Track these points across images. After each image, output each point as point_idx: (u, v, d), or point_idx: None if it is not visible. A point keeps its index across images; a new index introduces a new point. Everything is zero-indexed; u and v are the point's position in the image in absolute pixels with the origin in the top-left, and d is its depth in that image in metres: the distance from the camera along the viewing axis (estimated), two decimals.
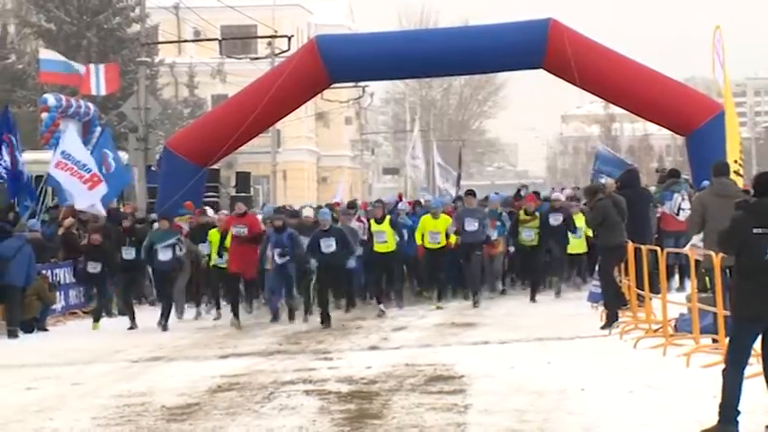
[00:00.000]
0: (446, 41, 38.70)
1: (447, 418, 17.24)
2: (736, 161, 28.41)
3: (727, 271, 19.80)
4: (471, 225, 36.05)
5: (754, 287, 14.42)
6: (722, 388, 14.37)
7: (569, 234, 39.54)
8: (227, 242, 36.84)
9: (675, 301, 24.62)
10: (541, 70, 36.32)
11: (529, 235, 38.28)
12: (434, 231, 36.99)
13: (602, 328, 26.42)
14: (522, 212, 38.76)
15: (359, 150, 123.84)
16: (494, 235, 38.90)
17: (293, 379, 21.84)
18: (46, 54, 47.16)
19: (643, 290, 25.43)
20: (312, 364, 23.13)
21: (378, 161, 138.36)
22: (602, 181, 33.39)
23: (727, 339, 16.68)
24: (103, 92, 45.44)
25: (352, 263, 34.06)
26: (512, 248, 41.74)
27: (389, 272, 37.23)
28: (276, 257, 33.81)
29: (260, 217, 40.14)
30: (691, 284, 23.30)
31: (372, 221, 36.67)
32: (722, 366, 14.82)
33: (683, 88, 36.58)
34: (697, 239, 22.78)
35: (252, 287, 38.13)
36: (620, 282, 27.16)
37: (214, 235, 38.41)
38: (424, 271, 40.98)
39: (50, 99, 36.08)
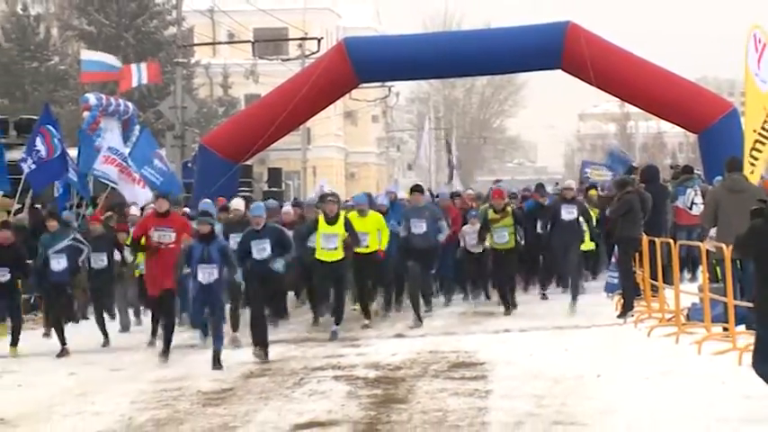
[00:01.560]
0: (468, 43, 38.63)
1: (469, 403, 17.29)
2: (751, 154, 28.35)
3: (738, 262, 19.80)
4: (418, 227, 28.38)
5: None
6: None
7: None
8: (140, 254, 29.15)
9: (688, 291, 24.56)
10: (560, 71, 36.21)
11: (502, 236, 29.85)
12: (362, 232, 27.92)
13: (618, 317, 26.38)
14: (490, 211, 30.20)
15: (385, 147, 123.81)
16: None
17: (323, 365, 21.97)
18: (87, 55, 47.24)
19: (657, 281, 25.42)
20: (341, 351, 23.26)
21: (403, 158, 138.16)
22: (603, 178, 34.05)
23: (744, 328, 16.82)
24: (145, 81, 45.55)
25: (279, 266, 24.41)
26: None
27: (337, 283, 27.47)
28: (200, 275, 23.47)
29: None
30: (702, 275, 23.25)
31: (321, 220, 26.76)
32: (750, 362, 14.87)
33: (695, 87, 36.44)
34: (712, 232, 22.95)
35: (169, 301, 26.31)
36: (635, 273, 27.12)
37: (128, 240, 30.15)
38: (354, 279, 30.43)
39: (91, 98, 36.14)
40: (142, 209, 33.39)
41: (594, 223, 33.43)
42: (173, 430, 16.38)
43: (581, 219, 31.36)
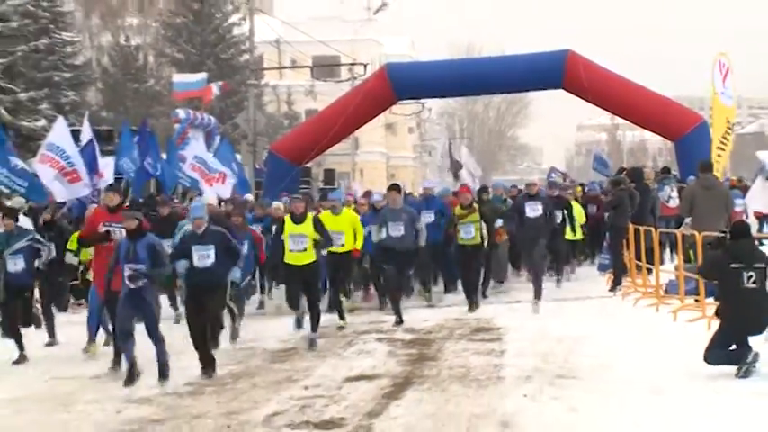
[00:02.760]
0: (486, 68, 38.59)
1: (487, 360, 17.38)
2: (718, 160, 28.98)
3: (708, 246, 19.75)
4: (396, 230, 22.99)
5: (736, 308, 14.95)
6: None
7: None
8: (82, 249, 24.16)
9: (666, 269, 24.56)
10: (561, 90, 36.09)
11: (468, 232, 24.79)
12: (336, 231, 22.40)
13: (609, 290, 26.33)
14: (458, 207, 25.30)
15: (419, 153, 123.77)
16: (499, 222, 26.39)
17: (368, 329, 22.06)
18: (177, 77, 47.35)
19: (641, 261, 25.40)
20: (383, 319, 23.17)
21: (434, 161, 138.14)
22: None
23: (713, 299, 16.89)
24: (218, 92, 45.96)
25: (236, 274, 19.27)
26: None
27: (309, 288, 21.08)
28: (126, 278, 17.88)
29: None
30: (678, 257, 23.25)
31: (287, 220, 20.99)
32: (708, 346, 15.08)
33: (671, 103, 36.22)
34: (687, 220, 23.29)
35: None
36: (624, 255, 27.03)
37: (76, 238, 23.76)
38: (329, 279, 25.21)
39: (181, 113, 36.14)
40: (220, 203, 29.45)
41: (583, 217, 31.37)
42: (247, 382, 16.40)
43: (559, 214, 27.46)
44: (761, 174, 25.66)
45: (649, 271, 25.14)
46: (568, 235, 30.21)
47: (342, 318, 22.64)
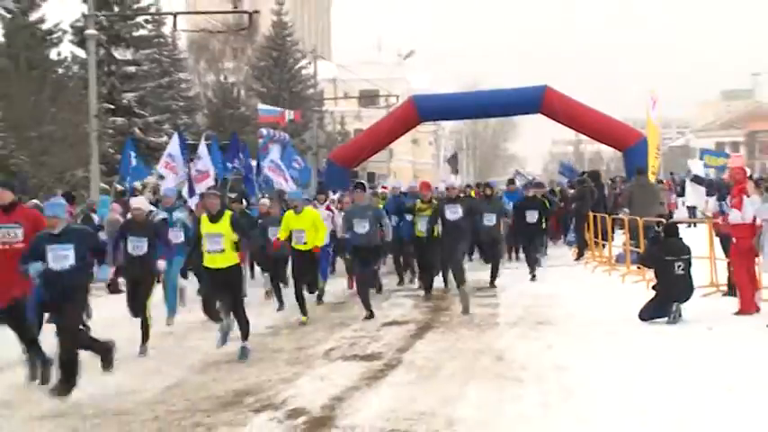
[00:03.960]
0: (485, 98, 38.60)
1: (486, 311, 17.40)
2: (653, 165, 29.24)
3: (651, 229, 19.73)
4: (361, 227, 18.56)
5: (668, 288, 15.06)
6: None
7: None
8: None
9: (615, 245, 24.48)
10: (540, 114, 36.05)
11: (424, 225, 20.96)
12: (298, 229, 18.07)
13: (575, 260, 26.28)
14: (418, 201, 21.50)
15: (435, 159, 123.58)
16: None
17: (399, 289, 21.94)
18: (261, 106, 47.34)
19: (598, 239, 25.35)
20: (410, 286, 22.56)
21: (446, 166, 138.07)
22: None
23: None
24: (292, 117, 45.98)
25: (161, 265, 15.54)
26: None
27: (231, 293, 15.05)
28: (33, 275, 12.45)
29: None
30: (625, 235, 23.17)
31: (203, 219, 15.04)
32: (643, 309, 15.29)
33: (620, 123, 36.27)
34: (626, 210, 24.04)
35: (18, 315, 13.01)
36: (586, 234, 26.90)
37: None
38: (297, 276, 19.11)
39: (264, 131, 36.04)
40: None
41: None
42: (311, 326, 16.53)
43: (535, 213, 22.87)
44: (688, 177, 25.77)
45: (603, 246, 25.08)
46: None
47: (303, 313, 17.20)
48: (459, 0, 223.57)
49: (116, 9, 48.49)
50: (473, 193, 30.38)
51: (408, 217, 21.68)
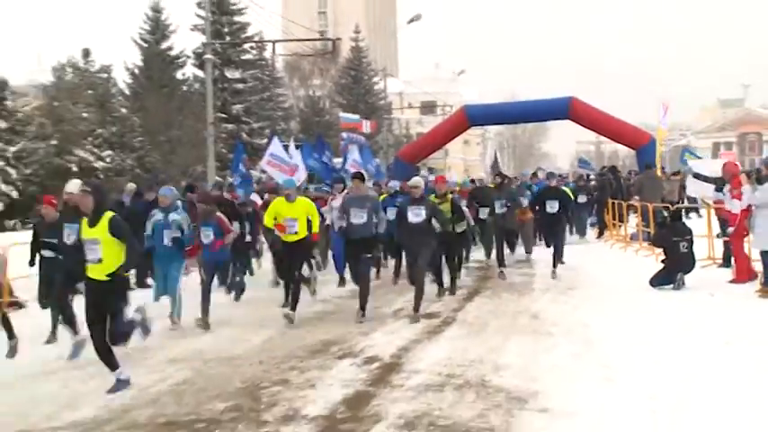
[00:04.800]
0: (522, 107, 38.41)
1: (524, 279, 17.31)
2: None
3: (659, 213, 19.50)
4: (358, 217, 14.70)
5: (675, 262, 14.99)
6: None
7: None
8: None
9: (630, 226, 24.19)
10: (567, 120, 35.66)
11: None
12: (290, 218, 14.35)
13: (596, 239, 25.93)
14: (432, 196, 16.55)
15: (482, 156, 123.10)
16: (524, 203, 19.86)
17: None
18: (342, 114, 47.33)
19: (615, 221, 25.11)
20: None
21: (489, 165, 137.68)
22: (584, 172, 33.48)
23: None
24: (369, 130, 45.52)
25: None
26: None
27: (104, 308, 9.07)
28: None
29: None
30: (638, 218, 22.93)
31: (84, 223, 9.43)
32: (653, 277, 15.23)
33: (633, 127, 35.68)
34: (636, 197, 23.73)
35: None
36: (606, 217, 26.60)
37: None
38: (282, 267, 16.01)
39: (344, 135, 36.05)
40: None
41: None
42: (383, 289, 16.44)
43: (555, 204, 18.36)
44: (689, 172, 25.75)
45: (620, 227, 24.84)
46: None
47: (293, 308, 13.27)
48: (501, 28, 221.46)
49: (227, 38, 49.15)
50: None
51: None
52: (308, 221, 13.78)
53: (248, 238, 17.29)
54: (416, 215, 13.82)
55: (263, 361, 10.23)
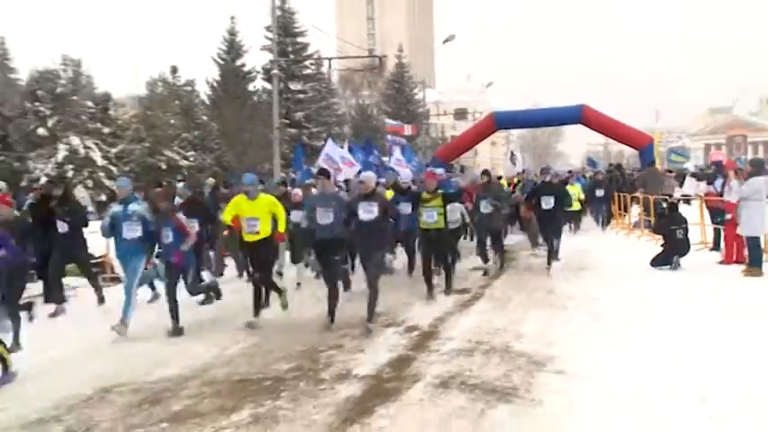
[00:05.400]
0: (542, 113, 38.12)
1: (540, 261, 16.88)
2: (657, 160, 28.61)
3: (658, 204, 19.26)
4: (325, 217, 10.94)
5: (672, 246, 14.80)
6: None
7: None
8: None
9: (633, 215, 23.91)
10: (580, 125, 35.31)
11: (430, 216, 13.04)
12: (251, 217, 10.90)
13: (602, 228, 25.66)
14: (424, 192, 13.35)
15: (507, 155, 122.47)
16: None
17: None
18: (388, 120, 47.31)
19: (621, 210, 24.87)
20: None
21: (508, 163, 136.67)
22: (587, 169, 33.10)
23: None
24: (410, 133, 45.32)
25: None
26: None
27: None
28: None
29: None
30: (639, 208, 22.68)
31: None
32: (654, 258, 15.20)
33: (636, 131, 35.21)
34: (640, 190, 23.12)
35: None
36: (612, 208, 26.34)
37: None
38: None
39: (389, 137, 36.03)
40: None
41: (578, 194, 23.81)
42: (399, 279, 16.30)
43: (551, 199, 15.66)
44: (687, 173, 25.71)
45: (624, 216, 24.59)
46: (576, 206, 22.66)
47: (255, 313, 10.84)
48: (524, 45, 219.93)
49: (291, 56, 49.32)
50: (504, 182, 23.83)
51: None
52: (274, 220, 11.01)
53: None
54: (368, 212, 10.86)
55: (321, 329, 10.28)
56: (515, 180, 25.74)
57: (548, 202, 15.68)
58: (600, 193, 24.89)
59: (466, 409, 6.60)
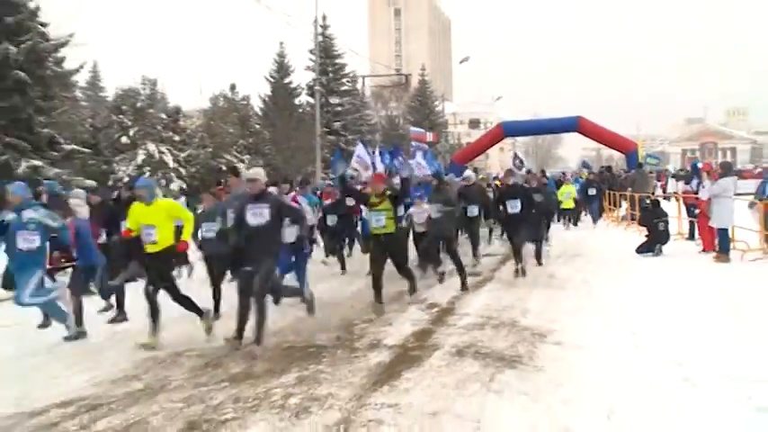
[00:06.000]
0: (543, 123, 38.07)
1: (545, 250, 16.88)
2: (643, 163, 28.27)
3: (643, 200, 19.07)
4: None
5: (654, 236, 14.72)
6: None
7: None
8: None
9: (622, 210, 23.67)
10: (576, 133, 35.06)
11: (378, 220, 9.79)
12: (147, 225, 7.78)
13: (594, 223, 25.33)
14: (372, 195, 9.99)
15: (512, 159, 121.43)
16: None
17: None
18: (412, 129, 47.17)
19: (611, 206, 24.64)
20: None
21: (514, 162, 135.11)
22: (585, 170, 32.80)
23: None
24: (431, 140, 45.12)
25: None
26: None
27: None
28: None
29: None
30: (627, 204, 22.47)
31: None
32: (639, 246, 14.93)
33: (623, 138, 34.96)
34: (630, 189, 22.84)
35: None
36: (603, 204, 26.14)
37: None
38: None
39: (413, 143, 36.02)
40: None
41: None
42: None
43: (517, 203, 12.51)
44: (669, 174, 25.35)
45: (614, 210, 24.37)
46: (569, 204, 22.20)
47: (153, 330, 8.13)
48: (527, 64, 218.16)
49: (330, 75, 49.49)
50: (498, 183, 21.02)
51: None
52: (179, 227, 8.30)
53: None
54: (256, 215, 8.02)
55: (354, 306, 10.29)
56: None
57: (514, 207, 12.58)
58: (592, 191, 24.65)
59: (478, 374, 6.58)
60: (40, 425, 5.67)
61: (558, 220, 22.60)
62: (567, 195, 22.95)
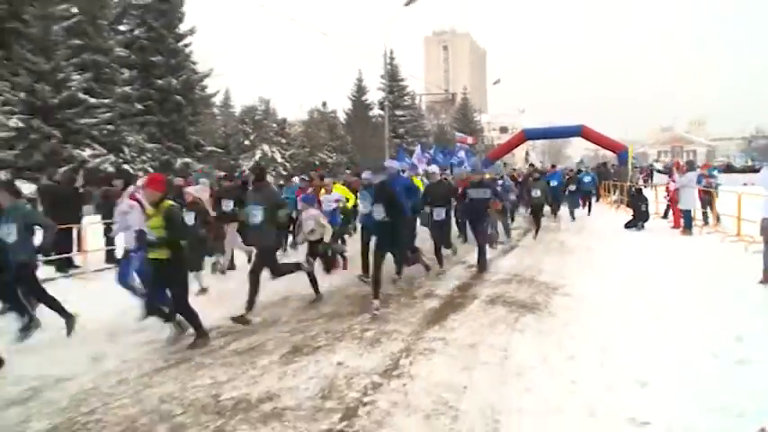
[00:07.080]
0: (556, 129, 37.00)
1: (554, 226, 16.43)
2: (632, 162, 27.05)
3: (630, 189, 18.32)
4: (255, 215, 5.47)
5: (638, 215, 14.17)
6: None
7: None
8: None
9: (614, 196, 22.80)
10: (580, 138, 33.91)
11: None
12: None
13: (595, 202, 23.79)
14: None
15: (527, 158, 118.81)
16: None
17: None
18: (457, 133, 46.43)
19: (606, 193, 23.80)
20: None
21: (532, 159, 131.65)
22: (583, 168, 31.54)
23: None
24: (471, 142, 44.30)
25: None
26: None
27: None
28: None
29: None
30: (617, 191, 21.67)
31: None
32: (626, 222, 14.47)
33: (615, 141, 33.64)
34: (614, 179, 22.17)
35: None
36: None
37: None
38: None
39: (458, 145, 35.53)
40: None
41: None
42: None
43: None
44: (654, 169, 24.32)
45: (608, 196, 23.54)
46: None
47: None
48: (543, 81, 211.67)
49: (395, 93, 49.23)
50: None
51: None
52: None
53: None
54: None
55: (354, 301, 9.53)
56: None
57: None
58: (587, 178, 22.56)
59: (506, 317, 6.56)
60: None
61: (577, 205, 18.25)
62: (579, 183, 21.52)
